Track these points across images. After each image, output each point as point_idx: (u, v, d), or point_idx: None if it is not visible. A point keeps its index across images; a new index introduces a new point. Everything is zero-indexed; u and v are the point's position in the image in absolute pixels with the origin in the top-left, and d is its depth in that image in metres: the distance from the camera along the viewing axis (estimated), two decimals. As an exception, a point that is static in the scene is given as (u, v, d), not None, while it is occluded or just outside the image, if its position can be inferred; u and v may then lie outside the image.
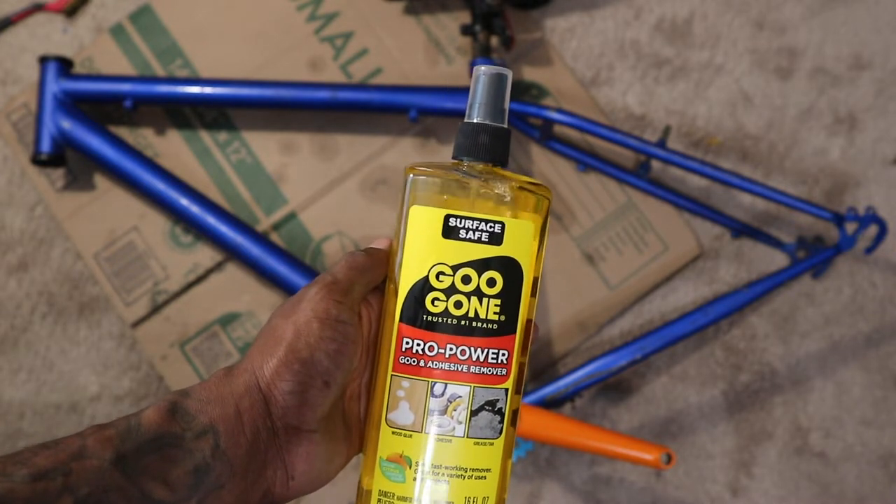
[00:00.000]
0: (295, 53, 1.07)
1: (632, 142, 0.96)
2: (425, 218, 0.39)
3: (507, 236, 0.39)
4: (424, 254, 0.39)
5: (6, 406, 1.05)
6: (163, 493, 0.33)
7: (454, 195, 0.39)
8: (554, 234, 1.05)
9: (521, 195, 0.40)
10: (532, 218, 0.40)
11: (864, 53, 1.09)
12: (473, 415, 0.39)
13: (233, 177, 1.06)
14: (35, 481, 0.29)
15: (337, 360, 0.37)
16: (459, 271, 0.39)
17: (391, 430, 0.39)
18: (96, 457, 0.31)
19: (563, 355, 1.05)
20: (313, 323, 0.36)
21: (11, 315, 1.06)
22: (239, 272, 1.04)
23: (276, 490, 0.37)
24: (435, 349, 0.39)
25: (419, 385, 0.39)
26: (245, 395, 0.36)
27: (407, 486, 0.39)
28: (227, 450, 0.35)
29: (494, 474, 0.40)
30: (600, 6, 1.09)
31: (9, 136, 1.06)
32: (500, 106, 0.40)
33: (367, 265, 0.39)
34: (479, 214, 0.39)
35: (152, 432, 0.33)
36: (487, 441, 0.40)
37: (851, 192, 1.07)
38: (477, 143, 0.40)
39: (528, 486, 1.04)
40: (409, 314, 0.39)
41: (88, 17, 1.10)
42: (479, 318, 0.39)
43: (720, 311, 0.97)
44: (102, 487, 0.31)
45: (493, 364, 0.39)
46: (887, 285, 1.06)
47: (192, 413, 0.35)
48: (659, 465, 0.85)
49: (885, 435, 1.05)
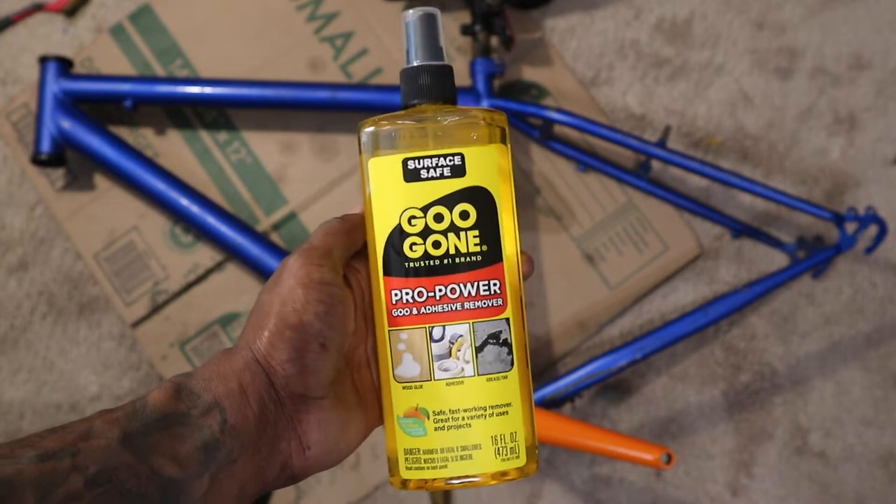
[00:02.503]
0: (295, 53, 1.07)
1: (632, 142, 0.96)
2: (384, 167, 0.39)
3: (470, 166, 0.39)
4: (391, 202, 0.39)
5: (6, 406, 1.05)
6: (173, 470, 0.32)
7: (408, 139, 0.39)
8: (554, 234, 1.05)
9: (475, 124, 0.39)
10: (491, 142, 0.39)
11: (864, 53, 1.09)
12: (479, 351, 0.39)
13: (233, 177, 1.06)
14: (42, 462, 0.29)
15: (328, 321, 0.37)
16: (430, 211, 0.38)
17: (401, 386, 0.39)
18: (103, 437, 0.32)
19: (563, 355, 1.05)
20: (297, 290, 0.37)
21: (11, 315, 1.06)
22: (239, 272, 1.04)
23: (293, 462, 0.37)
24: (424, 294, 0.38)
25: (417, 333, 0.39)
26: (245, 370, 0.36)
27: (430, 438, 0.38)
28: (236, 424, 0.35)
29: (516, 408, 0.39)
30: (600, 6, 1.09)
31: (9, 136, 1.06)
32: (436, 45, 0.41)
33: (343, 228, 0.39)
34: (435, 151, 0.39)
35: (158, 412, 0.34)
36: (500, 375, 0.39)
37: (851, 192, 1.07)
38: (420, 84, 0.40)
39: (528, 486, 1.04)
40: (391, 265, 0.39)
41: (88, 17, 1.10)
42: (461, 252, 0.39)
43: (720, 311, 0.97)
44: (111, 466, 0.31)
45: (487, 296, 0.39)
46: (887, 285, 1.06)
47: (197, 392, 0.35)
48: (659, 465, 0.85)
49: (885, 435, 1.05)
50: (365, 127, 0.40)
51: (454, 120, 0.39)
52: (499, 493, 1.04)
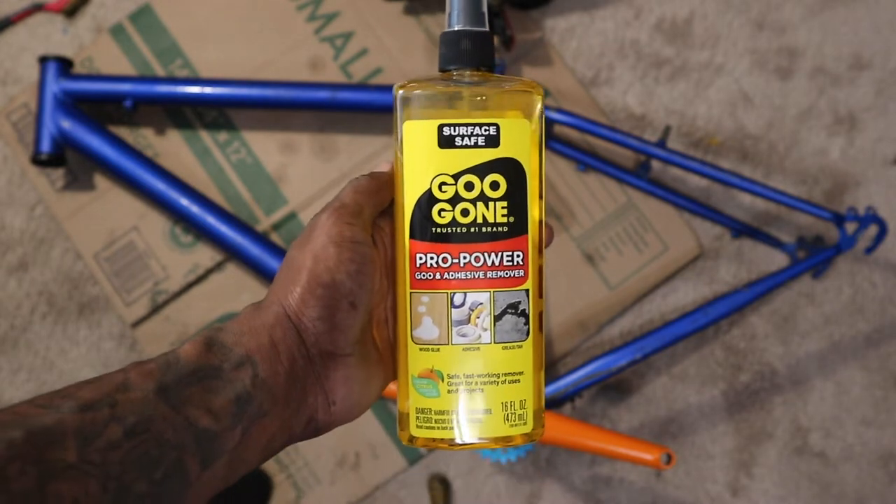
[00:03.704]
0: (295, 53, 1.07)
1: (632, 142, 0.96)
2: (419, 131, 0.39)
3: (504, 137, 0.39)
4: (424, 167, 0.39)
5: (6, 406, 1.05)
6: (208, 422, 0.33)
7: (445, 104, 0.39)
8: (554, 233, 1.05)
9: (512, 94, 0.39)
10: (526, 115, 0.39)
11: (864, 53, 1.09)
12: (497, 319, 0.39)
13: (233, 177, 1.06)
14: (83, 412, 0.30)
15: (359, 280, 0.37)
16: (461, 179, 0.39)
17: (418, 347, 0.39)
18: (139, 388, 0.32)
19: (563, 355, 1.05)
20: (329, 247, 0.37)
21: (11, 315, 1.06)
22: (239, 272, 1.04)
23: (319, 416, 0.38)
24: (449, 260, 0.39)
25: (438, 298, 0.39)
26: (276, 326, 0.37)
27: (442, 399, 0.39)
28: (267, 379, 0.35)
29: (528, 377, 0.40)
30: (600, 6, 1.09)
31: (9, 136, 1.06)
32: (479, 10, 0.40)
33: (372, 187, 0.39)
34: (471, 119, 0.39)
35: (192, 365, 0.34)
36: (515, 344, 0.40)
37: (851, 192, 1.07)
38: (460, 49, 0.39)
39: (528, 485, 1.04)
40: (418, 229, 0.39)
41: (88, 17, 1.10)
42: (488, 222, 0.39)
43: (720, 311, 0.97)
44: (148, 417, 0.31)
45: (510, 266, 0.39)
46: (887, 285, 1.06)
47: (229, 346, 0.35)
48: (659, 465, 0.85)
49: (885, 435, 1.05)
50: (401, 88, 0.39)
51: (492, 88, 0.39)
52: (499, 492, 1.04)
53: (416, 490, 1.03)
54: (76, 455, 0.29)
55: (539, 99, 0.40)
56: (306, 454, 1.03)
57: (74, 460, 0.29)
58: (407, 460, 1.03)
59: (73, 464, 0.28)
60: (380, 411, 1.03)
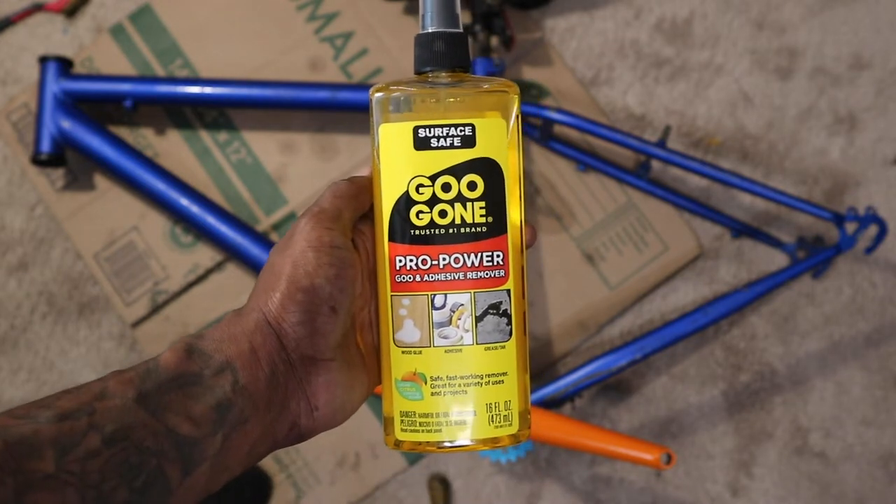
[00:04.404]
0: (295, 53, 1.07)
1: (632, 142, 0.96)
2: (395, 133, 0.39)
3: (480, 137, 0.39)
4: (400, 169, 0.39)
5: (6, 406, 1.05)
6: (188, 429, 0.33)
7: (420, 106, 0.39)
8: (554, 234, 1.05)
9: (488, 94, 0.39)
10: (502, 115, 0.39)
11: (864, 53, 1.09)
12: (479, 320, 0.39)
13: (233, 177, 1.06)
14: (60, 421, 0.30)
15: (338, 285, 0.37)
16: (438, 180, 0.39)
17: (401, 350, 0.39)
18: (119, 396, 0.32)
19: (563, 355, 1.05)
20: (308, 252, 0.37)
21: (11, 315, 1.06)
22: (239, 272, 1.04)
23: (302, 422, 0.38)
24: (428, 262, 0.39)
25: (419, 300, 0.39)
26: (256, 332, 0.37)
27: (426, 402, 0.39)
28: (247, 385, 0.35)
29: (512, 377, 0.40)
30: (600, 6, 1.09)
31: (9, 136, 1.06)
32: (452, 12, 0.40)
33: (352, 192, 0.40)
34: (446, 120, 0.38)
35: (171, 372, 0.34)
36: (498, 345, 0.39)
37: (851, 192, 1.07)
38: (434, 51, 0.39)
39: (528, 485, 1.04)
40: (396, 232, 0.39)
41: (88, 17, 1.10)
42: (466, 223, 0.39)
43: (720, 311, 0.97)
44: (128, 424, 0.31)
45: (490, 267, 0.39)
46: (887, 285, 1.06)
47: (209, 352, 0.35)
48: (659, 465, 0.85)
49: (885, 435, 1.05)
50: (377, 91, 0.39)
51: (467, 89, 0.39)
52: (499, 492, 1.04)
53: (416, 490, 1.03)
54: (54, 465, 0.29)
55: (515, 99, 0.40)
56: (306, 454, 1.03)
57: (52, 470, 0.29)
58: (407, 460, 1.03)
59: (50, 474, 0.29)
60: (380, 411, 1.03)
